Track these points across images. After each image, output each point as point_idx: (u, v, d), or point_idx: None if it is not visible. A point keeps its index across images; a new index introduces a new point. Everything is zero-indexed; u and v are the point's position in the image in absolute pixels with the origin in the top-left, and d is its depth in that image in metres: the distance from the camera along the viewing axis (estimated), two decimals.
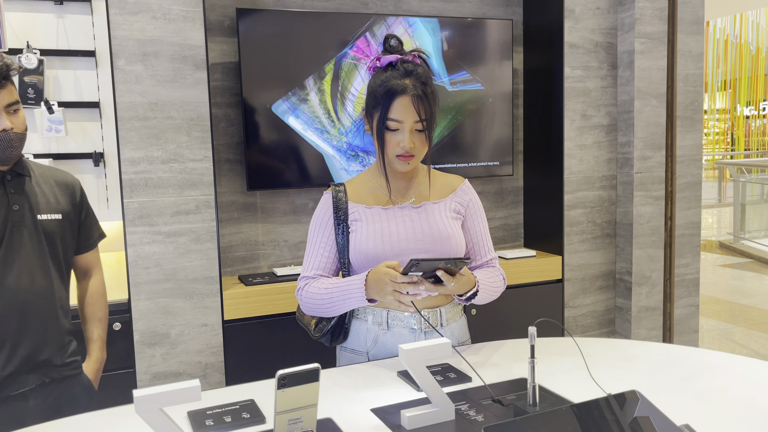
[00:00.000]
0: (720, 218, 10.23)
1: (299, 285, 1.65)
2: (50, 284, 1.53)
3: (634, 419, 1.03)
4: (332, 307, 1.57)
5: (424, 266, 1.37)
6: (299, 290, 1.64)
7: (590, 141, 3.22)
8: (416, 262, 1.34)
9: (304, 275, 1.65)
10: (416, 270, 1.38)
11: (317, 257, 1.64)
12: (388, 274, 1.43)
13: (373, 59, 1.62)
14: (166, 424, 1.02)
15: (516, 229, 3.46)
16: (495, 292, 1.66)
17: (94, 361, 1.67)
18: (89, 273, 1.73)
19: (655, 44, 3.16)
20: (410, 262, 1.35)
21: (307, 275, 1.64)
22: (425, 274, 1.41)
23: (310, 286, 1.61)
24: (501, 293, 1.69)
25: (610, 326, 3.38)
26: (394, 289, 1.42)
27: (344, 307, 1.56)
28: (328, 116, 2.85)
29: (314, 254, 1.65)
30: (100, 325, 1.71)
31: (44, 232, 1.53)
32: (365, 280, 1.49)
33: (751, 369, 1.44)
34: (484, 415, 1.24)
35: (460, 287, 1.50)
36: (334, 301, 1.56)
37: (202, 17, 2.42)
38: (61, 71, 2.50)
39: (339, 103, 2.86)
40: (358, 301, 1.52)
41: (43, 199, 1.54)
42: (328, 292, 1.56)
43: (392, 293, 1.43)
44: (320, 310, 1.60)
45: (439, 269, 1.40)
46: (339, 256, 1.64)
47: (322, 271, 1.64)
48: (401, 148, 1.56)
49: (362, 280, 1.50)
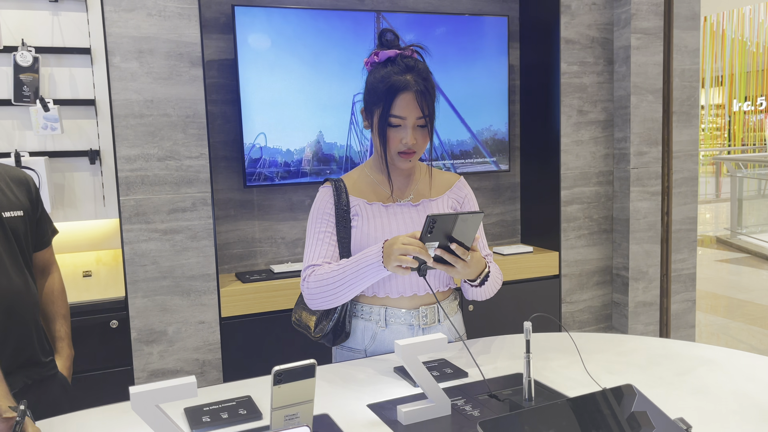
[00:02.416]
0: (717, 213, 10.25)
1: (305, 274, 1.58)
2: (26, 282, 1.50)
3: (630, 413, 1.03)
4: (345, 283, 1.49)
5: (441, 225, 1.34)
6: (305, 279, 1.57)
7: (587, 137, 3.22)
8: (433, 219, 1.32)
9: (310, 264, 1.58)
10: (432, 238, 1.35)
11: (322, 246, 1.59)
12: (402, 238, 1.39)
13: (371, 54, 1.61)
14: (162, 421, 1.02)
15: (513, 225, 3.46)
16: (497, 283, 1.65)
17: (65, 358, 1.65)
18: (47, 270, 1.69)
19: (652, 39, 3.16)
20: (427, 219, 1.32)
21: (313, 263, 1.57)
22: (440, 244, 1.38)
23: (317, 272, 1.55)
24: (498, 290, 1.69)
25: (607, 321, 3.38)
26: (401, 254, 1.37)
27: (358, 281, 1.48)
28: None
29: (319, 243, 1.59)
30: (65, 322, 1.68)
31: (11, 229, 1.49)
32: (382, 247, 1.44)
33: (747, 363, 1.44)
34: (480, 410, 1.24)
35: (471, 269, 1.46)
36: (346, 276, 1.49)
37: (198, 14, 2.41)
38: (56, 69, 2.50)
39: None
40: (374, 270, 1.45)
41: (3, 197, 1.50)
42: (341, 268, 1.50)
43: (397, 257, 1.37)
44: (331, 292, 1.52)
45: (454, 242, 1.37)
46: (339, 250, 1.63)
47: (329, 259, 1.58)
48: (404, 144, 1.55)
49: (379, 246, 1.45)
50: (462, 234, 1.39)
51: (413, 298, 1.62)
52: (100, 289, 2.49)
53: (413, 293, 1.61)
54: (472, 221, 1.38)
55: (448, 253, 1.40)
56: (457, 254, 1.40)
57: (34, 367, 1.53)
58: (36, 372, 1.53)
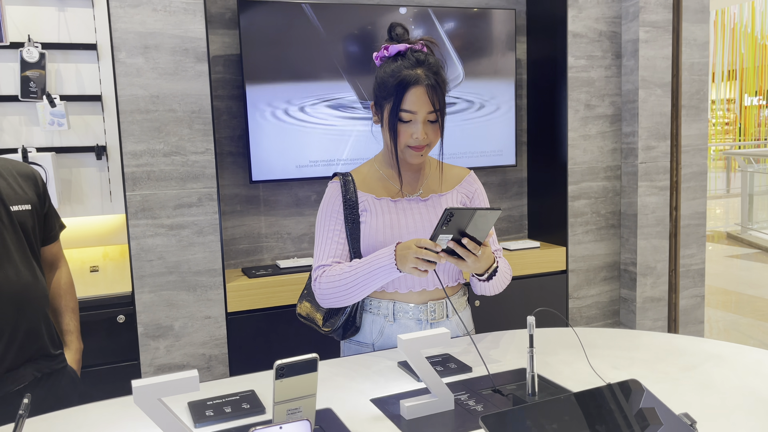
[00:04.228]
0: (728, 209, 10.17)
1: (315, 275, 1.58)
2: (34, 275, 1.52)
3: (634, 408, 1.02)
4: (357, 284, 1.50)
5: (458, 219, 1.34)
6: (316, 280, 1.57)
7: (594, 131, 3.20)
8: (450, 213, 1.32)
9: (321, 264, 1.58)
10: (447, 230, 1.35)
11: (332, 245, 1.58)
12: (416, 242, 1.40)
13: (381, 48, 1.59)
14: (164, 414, 1.02)
15: (520, 220, 3.45)
16: (506, 278, 1.64)
17: (74, 351, 1.66)
18: (56, 264, 1.71)
19: (660, 33, 3.13)
20: (445, 211, 1.32)
21: (323, 263, 1.57)
22: (454, 237, 1.38)
23: (328, 272, 1.55)
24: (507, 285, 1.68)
25: (614, 317, 3.37)
26: (416, 256, 1.38)
27: (370, 282, 1.48)
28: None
29: (328, 242, 1.59)
30: (74, 316, 1.69)
31: (19, 223, 1.50)
32: (395, 249, 1.45)
33: (754, 359, 1.43)
34: (484, 404, 1.24)
35: (481, 263, 1.46)
36: (358, 277, 1.49)
37: (203, 9, 2.41)
38: (62, 65, 2.51)
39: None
40: (386, 271, 1.45)
41: (11, 191, 1.51)
42: (353, 269, 1.50)
43: (414, 260, 1.38)
44: (343, 293, 1.52)
45: (466, 237, 1.37)
46: (349, 245, 1.62)
47: (339, 258, 1.58)
48: (415, 139, 1.53)
49: (392, 248, 1.46)
50: (476, 229, 1.39)
51: (422, 293, 1.61)
52: (107, 284, 2.51)
53: (422, 288, 1.61)
54: (488, 218, 1.37)
55: (460, 246, 1.39)
56: (468, 248, 1.39)
57: (43, 359, 1.54)
58: (45, 365, 1.54)
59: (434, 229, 1.37)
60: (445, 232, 1.36)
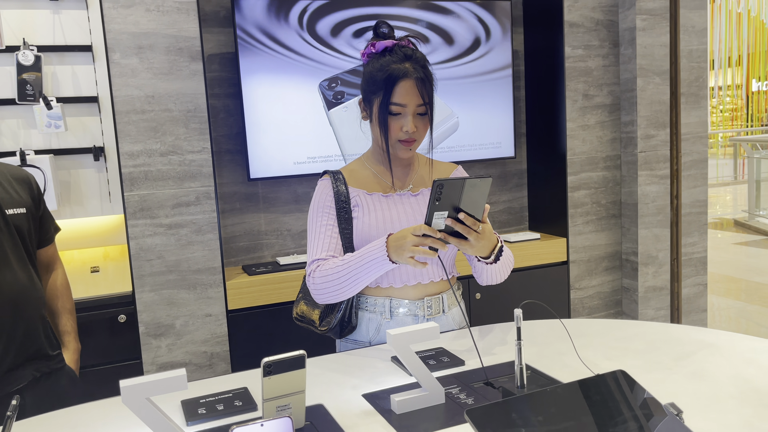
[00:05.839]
0: (736, 195, 10.10)
1: (309, 270, 1.57)
2: (30, 277, 1.54)
3: (620, 398, 1.02)
4: (350, 278, 1.49)
5: (449, 191, 1.31)
6: (310, 274, 1.56)
7: (593, 121, 3.18)
8: (440, 184, 1.29)
9: (315, 258, 1.57)
10: (440, 206, 1.32)
11: (325, 239, 1.58)
12: (411, 230, 1.37)
13: (368, 45, 1.60)
14: (153, 414, 1.03)
15: (520, 212, 3.44)
16: (510, 263, 1.62)
17: (72, 351, 1.68)
18: (52, 266, 1.73)
19: (657, 20, 3.10)
20: (434, 183, 1.29)
21: (318, 257, 1.57)
22: (450, 214, 1.35)
23: (323, 267, 1.54)
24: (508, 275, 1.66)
25: (617, 307, 3.36)
26: (414, 244, 1.36)
27: (363, 276, 1.48)
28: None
29: (321, 237, 1.59)
30: (71, 317, 1.71)
31: (15, 226, 1.52)
32: (386, 241, 1.44)
33: (748, 347, 1.42)
34: (475, 398, 1.24)
35: (484, 242, 1.44)
36: (352, 271, 1.48)
37: (196, 8, 2.41)
38: (58, 67, 2.52)
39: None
40: (379, 264, 1.45)
41: (6, 195, 1.53)
42: (346, 263, 1.50)
43: (411, 249, 1.36)
44: (336, 288, 1.52)
45: (463, 212, 1.34)
46: (342, 242, 1.62)
47: (334, 252, 1.58)
48: (404, 132, 1.54)
49: (383, 240, 1.45)
50: (471, 203, 1.35)
51: (417, 287, 1.61)
52: (108, 284, 2.52)
53: (417, 281, 1.61)
54: (481, 187, 1.34)
55: (459, 223, 1.36)
56: (467, 224, 1.37)
57: (41, 360, 1.56)
58: (44, 365, 1.56)
59: (428, 209, 1.33)
60: (438, 208, 1.33)
